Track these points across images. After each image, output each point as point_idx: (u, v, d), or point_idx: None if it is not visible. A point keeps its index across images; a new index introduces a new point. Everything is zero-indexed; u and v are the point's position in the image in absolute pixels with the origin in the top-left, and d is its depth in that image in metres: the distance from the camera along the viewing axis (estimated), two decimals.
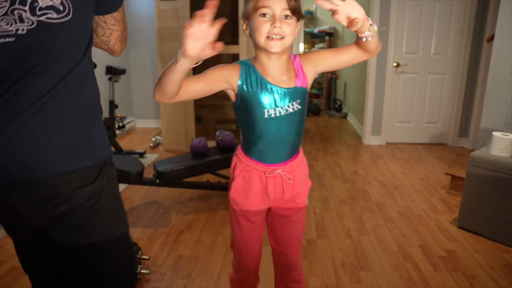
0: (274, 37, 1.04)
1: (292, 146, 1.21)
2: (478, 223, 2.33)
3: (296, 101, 1.14)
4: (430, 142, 4.46)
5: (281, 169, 1.21)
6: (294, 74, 1.15)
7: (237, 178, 1.25)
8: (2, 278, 1.93)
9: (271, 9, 1.03)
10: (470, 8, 3.99)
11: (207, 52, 0.89)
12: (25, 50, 0.76)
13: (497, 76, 2.85)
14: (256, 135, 1.17)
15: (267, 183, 1.22)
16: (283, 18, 1.04)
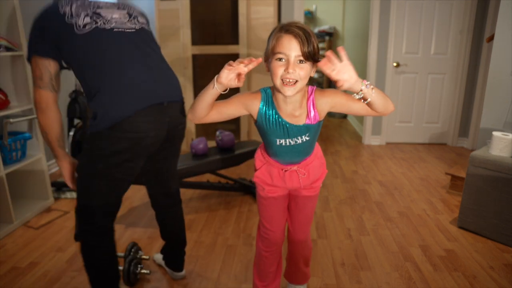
0: (287, 81, 1.15)
1: (304, 156, 1.41)
2: (478, 223, 2.33)
3: (305, 134, 1.30)
4: (430, 142, 4.46)
5: (296, 167, 1.42)
6: (306, 112, 1.27)
7: (261, 169, 1.48)
8: (2, 278, 1.93)
9: (285, 55, 1.14)
10: (470, 8, 3.98)
11: (234, 83, 1.12)
12: (141, 35, 1.53)
13: (497, 76, 2.84)
14: (272, 152, 1.40)
15: (284, 176, 1.44)
16: (297, 63, 1.14)
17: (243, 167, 3.48)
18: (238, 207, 2.76)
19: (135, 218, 2.58)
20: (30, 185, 2.71)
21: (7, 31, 2.41)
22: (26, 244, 2.25)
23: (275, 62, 1.15)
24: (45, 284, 1.88)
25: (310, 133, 1.30)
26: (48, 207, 2.71)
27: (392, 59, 4.23)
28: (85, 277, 1.94)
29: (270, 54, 1.17)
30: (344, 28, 6.58)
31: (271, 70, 1.17)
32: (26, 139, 2.54)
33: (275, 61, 1.15)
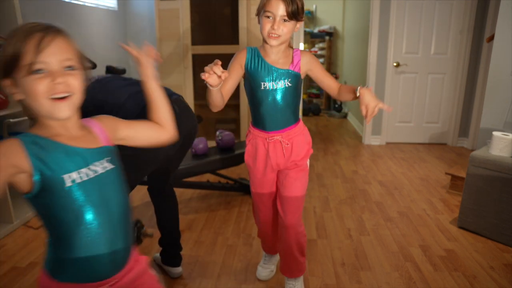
0: (272, 35, 1.37)
1: (287, 117, 1.53)
2: (478, 223, 2.33)
3: (287, 79, 1.46)
4: (430, 142, 4.46)
5: (280, 136, 1.54)
6: (290, 61, 1.47)
7: (248, 145, 1.63)
8: (2, 278, 1.92)
9: (272, 14, 1.34)
10: (470, 8, 3.98)
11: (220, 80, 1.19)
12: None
13: (497, 76, 2.84)
14: (256, 104, 1.51)
15: (268, 147, 1.56)
16: (282, 21, 1.35)
17: (243, 167, 3.48)
18: (238, 207, 2.76)
19: (135, 218, 2.58)
20: None
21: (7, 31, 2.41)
22: (26, 244, 2.25)
23: (264, 19, 1.37)
24: None
25: (292, 80, 1.46)
26: None
27: (392, 59, 4.23)
28: None
29: (261, 10, 1.39)
30: (344, 28, 6.58)
31: (261, 24, 1.39)
32: None
33: (264, 18, 1.37)
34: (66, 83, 0.79)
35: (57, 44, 0.78)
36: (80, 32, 3.86)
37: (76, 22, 3.78)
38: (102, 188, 0.85)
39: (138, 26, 4.90)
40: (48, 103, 0.77)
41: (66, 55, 0.79)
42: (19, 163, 0.75)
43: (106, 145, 0.90)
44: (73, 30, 3.73)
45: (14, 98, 0.81)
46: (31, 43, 0.75)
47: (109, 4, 4.48)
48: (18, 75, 0.77)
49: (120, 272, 0.90)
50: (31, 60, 0.75)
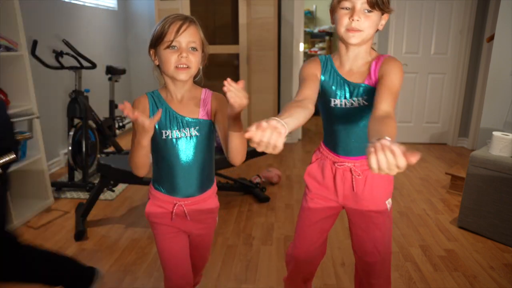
0: (352, 29, 1.08)
1: (361, 141, 1.19)
2: (478, 223, 2.33)
3: (363, 97, 1.16)
4: (430, 142, 4.46)
5: (352, 163, 1.23)
6: (367, 72, 1.16)
7: (313, 163, 1.35)
8: None
9: (351, 1, 1.08)
10: (470, 8, 3.98)
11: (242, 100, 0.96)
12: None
13: (497, 76, 2.84)
14: (327, 126, 1.28)
15: (336, 174, 1.27)
16: (363, 12, 1.07)
17: (243, 167, 3.48)
18: (238, 207, 2.76)
19: (135, 218, 2.58)
20: (30, 185, 2.71)
21: (7, 31, 2.41)
22: None
23: (340, 12, 1.10)
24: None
25: (369, 97, 1.14)
26: (48, 207, 2.71)
27: None
28: None
29: (335, 5, 1.12)
30: None
31: (336, 20, 1.12)
32: (26, 139, 2.54)
33: (340, 10, 1.10)
34: (188, 58, 1.09)
35: (189, 30, 1.09)
36: (80, 32, 3.86)
37: (76, 22, 3.77)
38: (184, 146, 1.17)
39: (138, 26, 4.90)
40: (173, 70, 1.10)
41: (193, 38, 1.10)
42: (147, 109, 1.17)
43: (201, 118, 1.17)
44: (73, 30, 3.75)
45: (154, 63, 1.16)
46: (173, 27, 1.07)
47: (109, 4, 4.48)
48: (159, 48, 1.10)
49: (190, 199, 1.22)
50: (170, 39, 1.07)
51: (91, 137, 3.27)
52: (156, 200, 1.25)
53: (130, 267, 2.03)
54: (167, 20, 1.09)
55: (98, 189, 2.45)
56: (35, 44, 2.90)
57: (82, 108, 3.07)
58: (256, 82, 3.93)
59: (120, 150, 3.75)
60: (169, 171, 1.19)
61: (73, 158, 3.07)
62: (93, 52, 3.97)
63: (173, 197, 1.22)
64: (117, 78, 3.96)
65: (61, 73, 3.42)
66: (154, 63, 1.15)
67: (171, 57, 1.08)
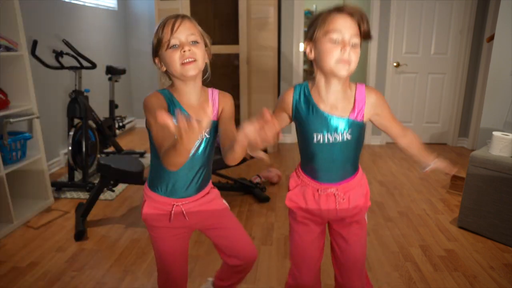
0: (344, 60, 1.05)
1: (345, 170, 1.22)
2: (478, 223, 2.33)
3: (347, 131, 1.14)
4: (430, 142, 4.46)
5: (335, 188, 1.22)
6: (351, 105, 1.14)
7: (294, 189, 1.29)
8: (2, 278, 1.92)
9: (340, 32, 1.03)
10: (470, 8, 3.98)
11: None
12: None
13: (497, 76, 2.84)
14: (308, 160, 1.22)
15: (319, 199, 1.24)
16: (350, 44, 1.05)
17: (243, 167, 3.48)
18: (238, 207, 2.76)
19: (135, 218, 2.58)
20: (30, 185, 2.71)
21: (7, 31, 2.41)
22: (26, 244, 2.25)
23: (327, 43, 1.04)
24: (45, 284, 1.88)
25: (353, 131, 1.14)
26: (48, 207, 2.71)
27: (392, 59, 4.23)
28: (85, 277, 1.94)
29: (318, 32, 1.06)
30: None
31: (322, 51, 1.06)
32: (26, 139, 2.54)
33: (328, 42, 1.04)
34: (192, 51, 1.07)
35: (184, 25, 1.07)
36: (80, 32, 3.86)
37: (76, 22, 3.77)
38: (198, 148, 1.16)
39: (138, 26, 4.90)
40: (180, 67, 1.07)
41: (191, 31, 1.08)
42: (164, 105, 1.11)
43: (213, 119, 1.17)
44: (73, 30, 3.75)
45: (161, 70, 1.14)
46: (168, 27, 1.06)
47: (109, 4, 4.48)
48: (161, 52, 1.09)
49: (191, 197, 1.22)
50: (168, 38, 1.06)
51: (91, 137, 3.28)
52: (152, 202, 1.22)
53: (130, 267, 2.03)
54: (160, 24, 1.09)
55: (98, 189, 2.45)
56: (35, 44, 2.90)
57: (82, 108, 3.07)
58: (256, 82, 3.93)
59: (120, 150, 3.75)
60: (173, 173, 1.16)
61: (73, 158, 3.07)
62: (93, 52, 3.97)
63: (171, 199, 1.21)
64: (117, 78, 3.96)
65: (61, 73, 3.42)
66: (162, 70, 1.13)
67: (175, 55, 1.07)
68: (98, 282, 1.89)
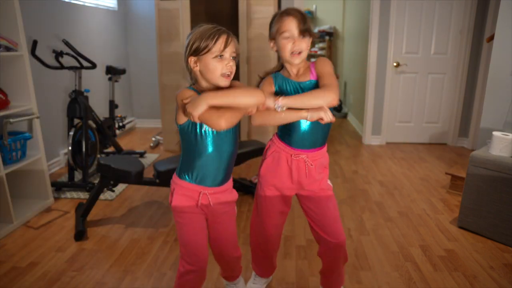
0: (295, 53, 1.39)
1: (317, 137, 1.51)
2: (478, 223, 2.33)
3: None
4: (430, 142, 4.46)
5: (305, 155, 1.50)
6: (309, 72, 1.45)
7: (268, 158, 1.55)
8: (2, 278, 1.92)
9: (290, 31, 1.37)
10: (470, 8, 3.98)
11: None
12: None
13: (497, 76, 2.84)
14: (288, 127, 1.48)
15: (291, 165, 1.51)
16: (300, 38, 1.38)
17: (243, 167, 3.48)
18: (238, 207, 2.75)
19: (135, 218, 2.58)
20: (30, 185, 2.71)
21: (7, 31, 2.41)
22: (26, 244, 2.25)
23: (283, 41, 1.38)
24: (45, 284, 1.88)
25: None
26: (48, 207, 2.71)
27: (392, 59, 4.23)
28: (85, 277, 1.94)
29: (275, 34, 1.40)
30: (344, 28, 6.58)
31: (280, 46, 1.40)
32: (26, 139, 2.54)
33: (283, 39, 1.38)
34: (231, 66, 1.28)
35: (232, 43, 1.28)
36: (80, 32, 3.86)
37: (76, 22, 3.78)
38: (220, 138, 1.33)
39: (138, 26, 4.90)
40: (220, 78, 1.27)
41: (234, 49, 1.29)
42: None
43: None
44: (73, 30, 3.75)
45: (193, 69, 1.30)
46: (221, 40, 1.25)
47: (109, 4, 4.48)
48: (205, 57, 1.26)
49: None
50: (220, 50, 1.25)
51: (91, 137, 3.28)
52: (181, 189, 1.37)
53: (130, 267, 2.03)
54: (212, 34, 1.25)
55: (98, 189, 2.45)
56: (35, 44, 2.90)
57: (82, 108, 3.07)
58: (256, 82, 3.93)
59: (120, 150, 3.75)
60: (202, 162, 1.33)
61: (73, 158, 3.07)
62: (93, 52, 3.97)
63: (200, 186, 1.36)
64: (117, 78, 3.96)
65: (61, 73, 3.42)
66: (194, 69, 1.30)
67: (219, 65, 1.26)
68: (98, 282, 1.89)
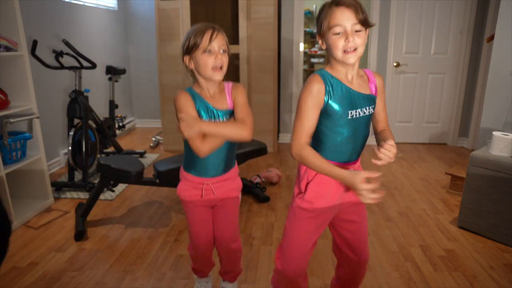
0: (349, 49, 1.16)
1: (363, 146, 1.32)
2: (478, 223, 2.33)
3: (370, 106, 1.27)
4: (430, 142, 4.46)
5: (352, 167, 1.31)
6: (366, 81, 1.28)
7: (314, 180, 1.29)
8: (2, 278, 1.92)
9: (342, 26, 1.14)
10: (470, 8, 3.98)
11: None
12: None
13: (497, 76, 2.84)
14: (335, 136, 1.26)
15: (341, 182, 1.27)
16: (354, 32, 1.15)
17: (243, 167, 3.48)
18: None
19: (135, 218, 2.58)
20: (30, 185, 2.71)
21: (7, 31, 2.41)
22: (26, 244, 2.25)
23: (333, 37, 1.16)
24: (45, 284, 1.88)
25: (374, 105, 1.28)
26: (48, 207, 2.71)
27: (392, 59, 4.23)
28: (85, 277, 1.94)
29: (324, 29, 1.17)
30: None
31: (330, 45, 1.18)
32: (26, 139, 2.54)
33: (333, 35, 1.15)
34: (221, 59, 1.32)
35: (219, 37, 1.32)
36: (80, 32, 3.86)
37: (76, 22, 3.77)
38: None
39: (138, 26, 4.90)
40: (211, 72, 1.31)
41: (222, 43, 1.33)
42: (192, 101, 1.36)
43: (230, 108, 1.39)
44: (73, 30, 3.75)
45: (189, 67, 1.36)
46: (206, 35, 1.30)
47: (109, 4, 4.48)
48: (196, 54, 1.31)
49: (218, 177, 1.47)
50: (206, 45, 1.30)
51: (91, 137, 3.28)
52: (187, 181, 1.49)
53: (130, 267, 2.03)
54: (198, 31, 1.30)
55: (98, 189, 2.45)
56: (35, 44, 2.90)
57: (82, 108, 3.07)
58: (256, 82, 3.93)
59: (120, 150, 3.75)
60: (202, 158, 1.38)
61: (73, 158, 3.07)
62: (93, 52, 3.97)
63: (203, 178, 1.45)
64: (117, 78, 3.96)
65: (61, 73, 3.42)
66: (190, 67, 1.36)
67: (208, 60, 1.30)
68: (98, 282, 1.89)
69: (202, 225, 1.56)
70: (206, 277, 1.77)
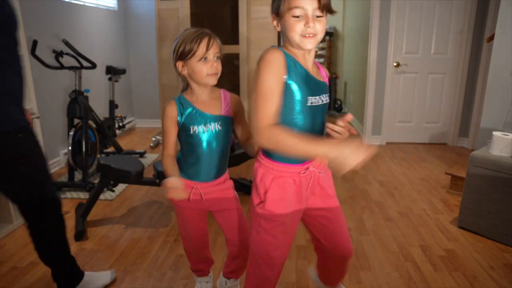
0: (308, 35, 1.08)
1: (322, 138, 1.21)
2: (478, 223, 2.33)
3: (326, 94, 1.22)
4: (430, 142, 4.46)
5: (311, 165, 1.22)
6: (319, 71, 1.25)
7: (272, 188, 1.20)
8: (2, 278, 1.92)
9: (302, 9, 1.06)
10: (470, 8, 3.98)
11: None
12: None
13: (497, 76, 2.85)
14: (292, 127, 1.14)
15: (300, 183, 1.22)
16: (315, 17, 1.08)
17: (243, 167, 3.48)
18: None
19: (135, 218, 2.58)
20: None
21: None
22: (26, 244, 2.24)
23: (291, 19, 1.07)
24: (45, 284, 1.88)
25: (328, 95, 1.24)
26: None
27: (392, 59, 4.23)
28: None
29: (283, 8, 1.09)
30: (344, 28, 6.58)
31: (286, 26, 1.09)
32: None
33: (291, 17, 1.07)
34: (216, 67, 1.34)
35: (214, 44, 1.33)
36: (80, 32, 3.86)
37: (76, 22, 3.78)
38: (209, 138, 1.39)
39: (138, 26, 4.90)
40: (206, 77, 1.32)
41: (217, 50, 1.34)
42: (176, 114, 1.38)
43: (223, 114, 1.40)
44: (73, 30, 3.75)
45: (181, 73, 1.36)
46: (203, 43, 1.30)
47: (109, 4, 4.48)
48: (190, 61, 1.31)
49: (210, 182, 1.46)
50: (203, 53, 1.30)
51: (91, 137, 3.28)
52: None
53: (130, 267, 2.03)
54: (194, 37, 1.29)
55: (98, 189, 2.45)
56: (35, 44, 2.90)
57: (82, 108, 3.07)
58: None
59: (120, 150, 3.75)
60: (195, 160, 1.41)
61: (73, 158, 3.07)
62: (93, 52, 3.97)
63: (193, 182, 1.44)
64: (117, 78, 3.96)
65: (61, 73, 3.42)
66: (182, 73, 1.36)
67: (204, 68, 1.31)
68: None
69: (190, 227, 1.56)
70: (206, 276, 1.75)
